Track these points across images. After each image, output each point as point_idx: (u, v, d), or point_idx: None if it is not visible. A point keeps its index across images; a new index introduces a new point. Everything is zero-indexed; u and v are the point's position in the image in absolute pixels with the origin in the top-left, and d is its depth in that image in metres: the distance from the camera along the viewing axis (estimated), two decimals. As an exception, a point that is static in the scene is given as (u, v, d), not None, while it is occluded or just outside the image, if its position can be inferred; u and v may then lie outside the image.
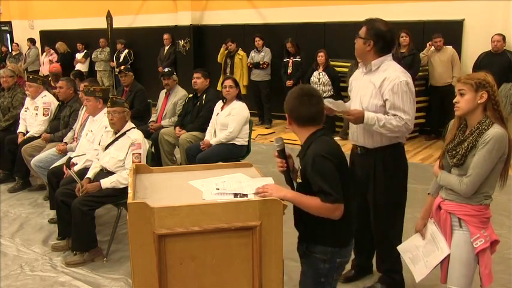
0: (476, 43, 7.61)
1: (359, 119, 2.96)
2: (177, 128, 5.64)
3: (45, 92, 5.78)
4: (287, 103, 2.32)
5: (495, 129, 2.33)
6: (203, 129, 5.45)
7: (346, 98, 7.92)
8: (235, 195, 2.28)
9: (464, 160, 2.40)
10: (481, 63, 7.35)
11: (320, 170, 2.16)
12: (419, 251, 2.70)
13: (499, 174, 2.42)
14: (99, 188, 3.82)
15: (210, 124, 5.32)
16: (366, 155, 3.12)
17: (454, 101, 2.46)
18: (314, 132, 2.28)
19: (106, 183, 3.82)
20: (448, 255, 2.54)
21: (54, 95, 5.84)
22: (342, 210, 2.17)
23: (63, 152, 4.85)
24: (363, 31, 3.06)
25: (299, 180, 2.26)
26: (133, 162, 3.73)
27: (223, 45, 9.30)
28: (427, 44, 7.72)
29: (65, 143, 4.96)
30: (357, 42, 3.10)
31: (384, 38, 3.04)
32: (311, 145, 2.23)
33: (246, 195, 2.28)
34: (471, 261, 2.48)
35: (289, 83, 8.59)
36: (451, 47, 7.63)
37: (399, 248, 2.86)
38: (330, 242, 2.27)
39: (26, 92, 5.84)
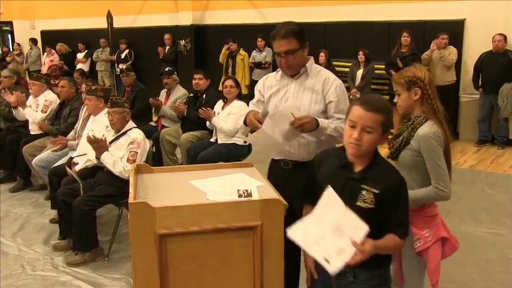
0: (477, 43, 7.60)
1: (312, 124, 2.57)
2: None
3: (49, 91, 5.79)
4: (391, 116, 2.01)
5: (423, 130, 2.29)
6: (204, 129, 5.46)
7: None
8: (240, 195, 2.28)
9: (398, 154, 2.37)
10: (482, 63, 7.36)
11: (405, 199, 2.01)
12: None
13: None
14: (99, 155, 3.83)
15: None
16: (300, 169, 2.67)
17: (394, 101, 2.46)
18: (377, 149, 2.06)
19: (107, 157, 3.83)
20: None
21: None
22: None
23: (62, 149, 4.83)
24: (292, 41, 2.62)
25: (368, 205, 1.95)
26: (128, 159, 3.77)
27: (225, 45, 9.31)
28: (432, 44, 7.65)
29: (67, 139, 4.96)
30: (294, 57, 2.65)
31: (306, 37, 2.72)
32: (385, 166, 2.03)
33: (250, 194, 2.27)
34: (411, 262, 2.41)
35: None
36: (454, 48, 7.58)
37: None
38: (386, 262, 2.09)
39: (30, 91, 5.85)
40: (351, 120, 1.97)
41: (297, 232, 1.96)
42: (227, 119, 5.09)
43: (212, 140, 5.23)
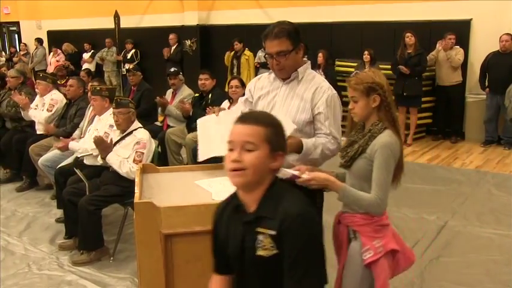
0: (484, 43, 7.57)
1: (296, 148, 2.40)
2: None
3: (55, 91, 5.82)
4: (279, 130, 1.67)
5: (383, 138, 2.17)
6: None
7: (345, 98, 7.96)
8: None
9: (352, 163, 2.24)
10: (489, 64, 7.32)
11: (308, 238, 1.54)
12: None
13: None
14: (106, 154, 3.84)
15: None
16: None
17: (349, 107, 2.30)
18: (276, 178, 1.67)
19: (112, 158, 3.83)
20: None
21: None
22: None
23: (65, 150, 4.84)
24: (285, 42, 2.47)
25: (269, 252, 1.57)
26: (134, 160, 3.77)
27: (227, 52, 9.32)
28: (438, 44, 7.61)
29: (73, 138, 4.98)
30: (286, 59, 2.49)
31: (301, 38, 2.55)
32: (283, 196, 1.61)
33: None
34: (359, 274, 2.24)
35: None
36: (461, 49, 7.54)
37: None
38: None
39: (36, 90, 5.88)
40: (229, 142, 1.61)
41: None
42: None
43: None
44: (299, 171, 2.19)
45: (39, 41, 13.37)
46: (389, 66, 7.63)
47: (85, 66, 11.69)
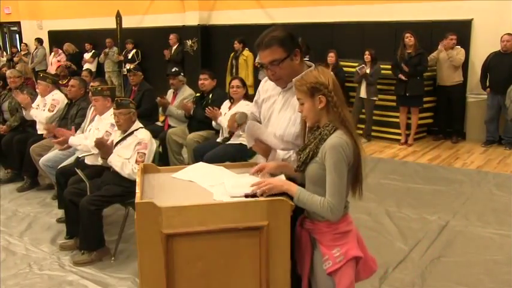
0: (485, 43, 7.57)
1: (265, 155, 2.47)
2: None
3: (56, 91, 5.82)
4: None
5: (332, 140, 2.07)
6: (211, 129, 5.47)
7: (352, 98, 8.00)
8: (247, 196, 2.26)
9: (305, 167, 2.17)
10: (489, 64, 7.32)
11: None
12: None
13: (347, 183, 2.15)
14: (107, 156, 3.84)
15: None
16: None
17: (298, 110, 2.22)
18: None
19: (114, 159, 3.84)
20: None
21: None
22: None
23: (64, 144, 4.82)
24: (277, 51, 2.33)
25: None
26: (136, 161, 3.78)
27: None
28: (439, 46, 7.62)
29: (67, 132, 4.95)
30: (281, 68, 2.36)
31: (298, 43, 2.43)
32: None
33: (256, 195, 2.26)
34: (327, 283, 2.21)
35: None
36: (462, 49, 7.55)
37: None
38: None
39: (37, 90, 5.89)
40: None
41: None
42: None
43: (219, 140, 5.24)
44: (262, 173, 2.27)
45: (39, 41, 13.39)
46: (390, 66, 7.63)
47: (86, 66, 11.70)
